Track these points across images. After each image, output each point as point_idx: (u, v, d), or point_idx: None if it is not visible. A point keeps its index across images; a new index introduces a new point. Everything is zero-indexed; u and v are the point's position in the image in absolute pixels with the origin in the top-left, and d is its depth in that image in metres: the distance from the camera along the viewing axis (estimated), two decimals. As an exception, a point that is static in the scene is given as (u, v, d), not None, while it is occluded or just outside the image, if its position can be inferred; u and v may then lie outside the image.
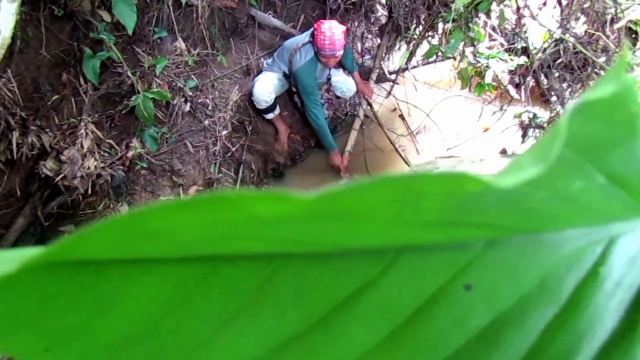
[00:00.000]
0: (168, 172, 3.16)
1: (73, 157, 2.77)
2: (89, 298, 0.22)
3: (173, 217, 0.18)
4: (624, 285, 0.28)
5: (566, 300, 0.27)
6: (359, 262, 0.26)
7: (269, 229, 0.21)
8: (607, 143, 0.25)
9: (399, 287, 0.26)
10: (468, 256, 0.27)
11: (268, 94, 3.45)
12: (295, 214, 0.19)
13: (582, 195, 0.26)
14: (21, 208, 2.99)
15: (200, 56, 3.31)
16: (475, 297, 0.27)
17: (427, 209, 0.22)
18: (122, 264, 0.22)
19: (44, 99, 2.87)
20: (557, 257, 0.27)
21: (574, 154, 0.24)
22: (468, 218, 0.25)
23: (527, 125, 3.62)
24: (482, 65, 3.74)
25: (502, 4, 3.44)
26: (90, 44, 2.93)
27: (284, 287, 0.25)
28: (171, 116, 3.17)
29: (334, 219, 0.21)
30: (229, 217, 0.19)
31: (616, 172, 0.26)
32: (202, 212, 0.18)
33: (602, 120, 0.24)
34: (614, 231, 0.28)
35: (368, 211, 0.21)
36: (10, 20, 2.22)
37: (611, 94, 0.22)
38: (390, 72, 4.40)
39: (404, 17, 3.80)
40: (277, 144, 3.78)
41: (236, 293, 0.24)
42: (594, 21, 3.32)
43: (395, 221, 0.23)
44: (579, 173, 0.25)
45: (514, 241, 0.27)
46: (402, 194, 0.21)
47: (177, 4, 3.12)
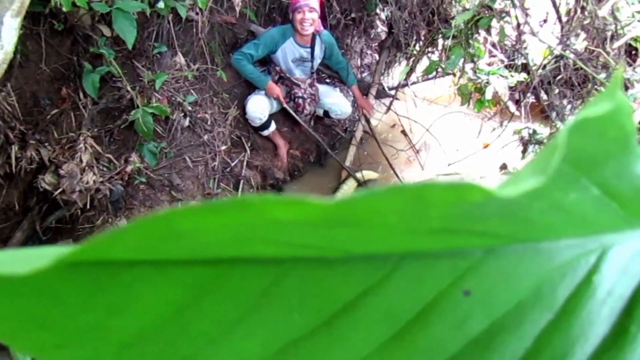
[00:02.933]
0: (167, 187, 3.15)
1: (72, 171, 2.76)
2: (103, 298, 0.23)
3: (200, 218, 0.20)
4: (616, 293, 0.29)
5: (560, 306, 0.29)
6: (363, 268, 0.27)
7: (284, 233, 0.22)
8: (602, 158, 0.27)
9: (401, 292, 0.27)
10: (467, 263, 0.28)
11: (261, 111, 3.47)
12: (314, 219, 0.21)
13: (577, 206, 0.27)
14: (19, 222, 2.97)
15: (200, 71, 3.32)
16: (473, 302, 0.28)
17: (433, 216, 0.24)
18: (137, 265, 0.23)
19: (43, 113, 2.87)
20: (552, 265, 0.29)
21: (570, 167, 0.26)
22: (470, 226, 0.26)
23: (527, 142, 3.61)
24: (482, 82, 3.74)
25: (502, 20, 3.45)
26: (89, 58, 2.93)
27: (291, 291, 0.26)
28: (170, 131, 3.16)
29: (348, 224, 0.23)
30: (251, 220, 0.21)
31: (609, 185, 0.27)
32: (227, 215, 0.20)
33: (597, 136, 0.25)
34: (606, 241, 0.29)
35: (379, 218, 0.23)
36: (13, 35, 2.22)
37: (606, 112, 0.24)
38: (389, 88, 4.41)
39: (404, 33, 3.82)
40: (276, 160, 3.77)
41: (244, 295, 0.25)
42: (594, 38, 3.33)
43: (401, 228, 0.24)
44: (574, 185, 0.27)
45: (512, 249, 0.28)
46: (412, 202, 0.22)
47: (177, 19, 3.13)
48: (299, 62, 3.54)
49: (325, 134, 4.13)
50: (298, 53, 3.49)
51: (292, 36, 3.41)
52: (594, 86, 3.46)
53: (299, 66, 3.58)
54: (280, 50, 3.45)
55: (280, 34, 3.41)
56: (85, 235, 2.97)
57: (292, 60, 3.51)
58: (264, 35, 3.42)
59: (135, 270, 0.23)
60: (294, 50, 3.47)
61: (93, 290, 0.22)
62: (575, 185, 0.26)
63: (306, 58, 3.55)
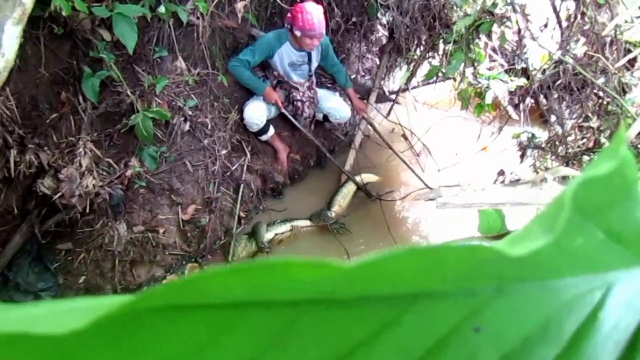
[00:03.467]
0: (167, 191, 3.14)
1: (71, 175, 2.76)
2: (128, 339, 0.24)
3: (226, 280, 0.22)
4: (620, 328, 0.30)
5: (567, 341, 0.30)
6: (377, 307, 0.28)
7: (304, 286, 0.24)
8: (607, 205, 0.29)
9: (413, 329, 0.28)
10: (478, 301, 0.29)
11: (258, 117, 3.47)
12: (334, 280, 0.23)
13: (583, 249, 0.29)
14: (18, 226, 2.96)
15: (201, 75, 3.32)
16: (483, 338, 0.29)
17: (447, 272, 0.26)
18: (162, 310, 0.24)
19: (42, 117, 2.86)
20: (559, 302, 0.30)
21: (577, 215, 0.28)
22: (480, 273, 0.28)
23: (526, 146, 3.61)
24: (483, 86, 3.74)
25: (502, 25, 3.45)
26: (89, 62, 2.93)
27: (307, 329, 0.27)
28: (170, 135, 3.16)
29: (367, 282, 0.25)
30: (275, 280, 0.23)
31: (614, 228, 0.29)
32: (253, 277, 0.22)
33: (602, 186, 0.27)
34: (611, 279, 0.31)
35: (397, 275, 0.25)
36: (14, 44, 2.22)
37: (611, 170, 0.26)
38: (390, 92, 4.41)
39: (405, 38, 3.82)
40: (276, 164, 3.77)
41: (262, 335, 0.26)
42: (593, 43, 3.33)
43: (416, 278, 0.27)
44: (580, 231, 0.28)
45: (520, 288, 0.30)
46: (427, 261, 0.24)
47: (178, 24, 3.12)
48: (296, 65, 3.54)
49: (325, 138, 4.13)
50: (294, 57, 3.49)
51: (287, 40, 3.41)
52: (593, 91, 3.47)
53: (296, 70, 3.58)
54: (277, 54, 3.45)
55: (275, 39, 3.41)
56: (84, 239, 2.97)
57: (289, 64, 3.51)
58: (260, 41, 3.42)
59: (161, 314, 0.24)
60: (291, 54, 3.47)
61: (119, 337, 0.24)
62: (581, 230, 0.28)
63: (302, 62, 3.54)
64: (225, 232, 3.41)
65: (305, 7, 3.21)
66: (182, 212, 3.16)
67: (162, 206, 3.13)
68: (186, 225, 3.18)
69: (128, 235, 2.95)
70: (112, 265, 2.98)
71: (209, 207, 3.29)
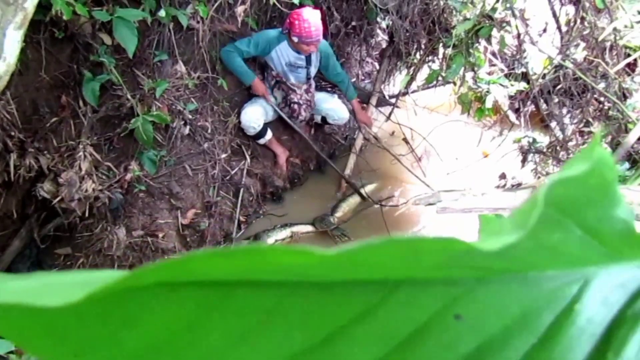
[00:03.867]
0: (166, 195, 3.14)
1: (71, 179, 2.76)
2: (120, 312, 0.25)
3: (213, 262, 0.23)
4: (596, 322, 0.31)
5: (544, 332, 0.31)
6: (361, 291, 0.29)
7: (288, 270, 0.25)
8: (584, 203, 0.30)
9: (396, 315, 0.29)
10: (459, 290, 0.30)
11: (255, 120, 3.47)
12: (315, 265, 0.24)
13: (561, 244, 0.30)
14: (17, 230, 2.96)
15: (201, 79, 3.32)
16: (463, 325, 0.30)
17: (424, 260, 0.27)
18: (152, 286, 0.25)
19: (42, 121, 2.86)
20: (538, 293, 0.31)
21: (554, 211, 0.29)
22: (458, 264, 0.29)
23: (527, 150, 3.61)
24: (483, 90, 3.74)
25: (502, 30, 3.46)
26: (90, 66, 2.93)
27: (292, 310, 0.28)
28: (170, 139, 3.16)
29: (347, 269, 0.26)
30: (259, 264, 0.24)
31: (591, 226, 0.30)
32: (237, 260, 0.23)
33: (580, 185, 0.29)
34: (588, 274, 0.32)
35: (376, 263, 0.26)
36: (16, 48, 2.22)
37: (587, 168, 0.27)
38: (390, 96, 4.41)
39: (404, 42, 3.82)
40: (276, 168, 3.77)
41: (248, 314, 0.27)
42: (593, 48, 3.34)
43: (396, 267, 0.28)
44: (558, 227, 0.30)
45: (500, 279, 0.31)
46: (405, 251, 0.25)
47: (178, 28, 3.13)
48: (293, 67, 3.53)
49: (324, 142, 4.13)
50: (292, 57, 3.49)
51: (285, 40, 3.41)
52: (593, 95, 3.47)
53: (293, 72, 3.57)
54: (274, 51, 3.44)
55: (275, 36, 3.41)
56: (83, 243, 2.96)
57: (286, 64, 3.51)
58: (259, 34, 3.42)
59: (151, 289, 0.25)
60: (288, 54, 3.46)
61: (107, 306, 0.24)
62: (559, 226, 0.29)
63: (300, 65, 3.54)
64: (225, 237, 3.41)
65: (303, 14, 3.22)
66: (181, 216, 3.15)
67: (162, 210, 3.13)
68: (185, 229, 3.18)
69: (127, 240, 2.95)
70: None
71: (209, 211, 3.29)
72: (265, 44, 3.40)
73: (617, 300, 0.32)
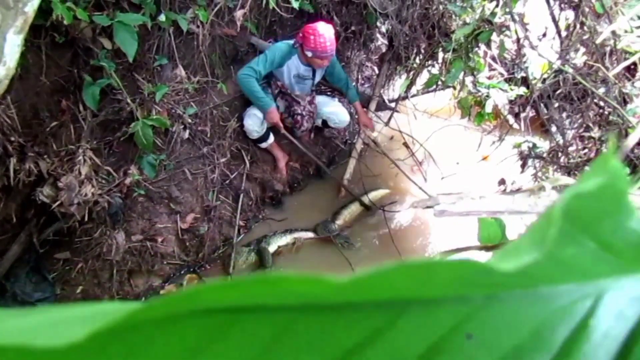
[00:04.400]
0: (166, 199, 3.14)
1: (70, 183, 2.75)
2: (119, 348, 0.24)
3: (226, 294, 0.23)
4: (611, 337, 0.30)
5: (558, 349, 0.30)
6: (370, 313, 0.28)
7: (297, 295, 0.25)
8: (597, 216, 0.29)
9: (406, 336, 0.29)
10: (469, 308, 0.29)
11: (259, 124, 3.46)
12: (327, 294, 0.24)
13: (574, 258, 0.30)
14: (16, 234, 2.95)
15: (200, 83, 3.32)
16: (475, 345, 0.29)
17: (438, 281, 0.27)
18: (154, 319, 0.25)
19: (42, 125, 2.86)
20: (551, 309, 0.30)
21: (568, 226, 0.28)
22: (471, 282, 0.28)
23: (527, 155, 3.61)
24: (482, 95, 3.74)
25: (502, 34, 3.46)
26: (90, 70, 2.93)
27: (299, 335, 0.27)
28: (170, 143, 3.15)
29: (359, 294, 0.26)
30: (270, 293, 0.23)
31: (605, 238, 0.30)
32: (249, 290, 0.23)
33: (593, 197, 0.28)
34: (602, 287, 0.31)
35: (388, 288, 0.26)
36: (16, 52, 2.22)
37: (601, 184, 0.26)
38: (390, 100, 4.41)
39: (404, 46, 3.82)
40: (275, 172, 3.77)
41: (256, 340, 0.26)
42: (593, 52, 3.34)
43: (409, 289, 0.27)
44: (572, 241, 0.29)
45: (512, 295, 0.30)
46: (418, 276, 0.25)
47: (178, 32, 3.13)
48: (299, 79, 3.54)
49: (325, 147, 4.13)
50: (301, 69, 3.50)
51: (296, 54, 3.41)
52: (593, 100, 3.47)
53: (300, 83, 3.57)
54: (286, 65, 3.45)
55: (287, 50, 3.40)
56: (82, 248, 2.96)
57: (294, 76, 3.51)
58: (273, 50, 3.38)
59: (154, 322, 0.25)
60: (298, 66, 3.47)
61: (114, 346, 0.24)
62: (573, 240, 0.29)
63: (307, 76, 3.55)
64: (224, 242, 3.40)
65: (318, 28, 3.22)
66: (180, 220, 3.15)
67: (161, 215, 3.12)
68: (185, 234, 3.17)
69: (126, 244, 2.94)
70: (109, 275, 2.97)
71: (208, 215, 3.28)
72: (280, 58, 3.40)
73: (632, 314, 0.31)
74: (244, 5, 3.25)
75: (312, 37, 3.22)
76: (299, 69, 3.49)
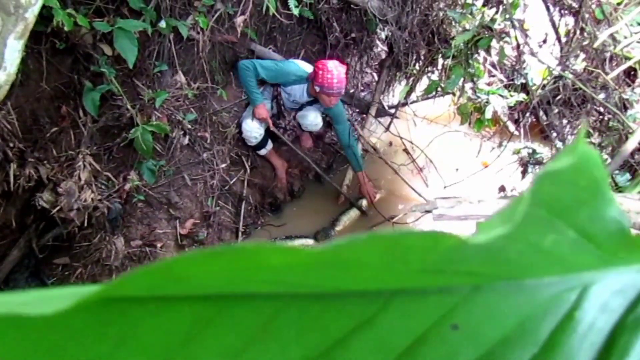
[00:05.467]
0: (165, 205, 3.14)
1: (70, 189, 2.75)
2: (113, 331, 0.25)
3: (199, 265, 0.23)
4: (596, 329, 0.31)
5: (544, 341, 0.30)
6: (356, 303, 0.28)
7: (278, 274, 0.25)
8: (575, 203, 0.29)
9: (392, 326, 0.29)
10: (455, 299, 0.30)
11: (256, 129, 3.46)
12: (302, 263, 0.24)
13: (555, 247, 0.30)
14: (16, 240, 2.95)
15: (200, 90, 3.33)
16: (461, 336, 0.29)
17: (412, 260, 0.26)
18: (145, 301, 0.25)
19: (42, 131, 2.86)
20: (536, 301, 0.30)
21: (545, 211, 0.28)
22: (451, 267, 0.28)
23: (527, 162, 3.60)
24: (482, 101, 3.75)
25: (502, 40, 3.47)
26: (90, 76, 2.94)
27: (288, 324, 0.27)
28: (169, 149, 3.16)
29: (333, 268, 0.26)
30: (247, 265, 0.23)
31: (584, 228, 0.30)
32: (223, 261, 0.23)
33: (569, 184, 0.28)
34: (587, 280, 0.31)
35: (361, 261, 0.25)
36: (16, 57, 2.23)
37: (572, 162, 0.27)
38: (389, 107, 4.41)
39: (404, 53, 3.83)
40: (275, 180, 3.77)
41: (244, 329, 0.27)
42: (593, 58, 3.35)
43: (386, 270, 0.27)
44: (550, 228, 0.29)
45: (497, 286, 0.30)
46: (390, 248, 0.25)
47: (178, 38, 3.14)
48: (297, 104, 3.57)
49: (324, 152, 4.13)
50: (304, 99, 3.53)
51: (307, 84, 3.41)
52: (593, 106, 3.47)
53: (295, 107, 3.64)
54: (290, 87, 3.45)
55: (298, 77, 3.39)
56: (82, 253, 2.95)
57: (293, 101, 3.55)
58: (284, 68, 3.37)
59: (144, 305, 0.25)
60: (302, 95, 3.49)
61: (104, 325, 0.24)
62: (551, 227, 0.29)
63: (304, 104, 3.59)
64: (224, 247, 3.39)
65: (328, 65, 3.22)
66: (180, 226, 3.15)
67: (160, 220, 3.12)
68: (184, 239, 3.16)
69: (125, 250, 2.93)
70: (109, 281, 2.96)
71: (207, 221, 3.28)
72: (284, 79, 3.40)
73: (617, 306, 0.31)
74: (245, 11, 3.26)
75: (321, 72, 3.23)
76: (303, 98, 3.51)
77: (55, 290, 0.23)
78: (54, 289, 0.23)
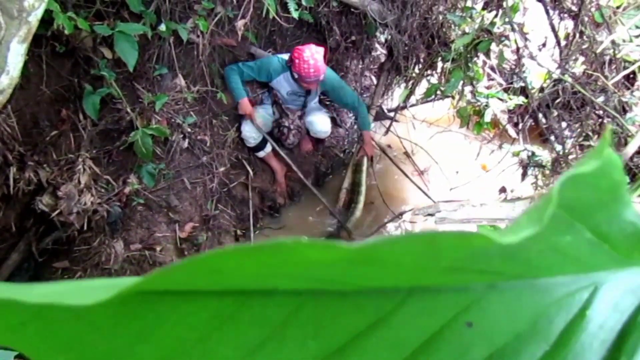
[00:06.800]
0: (164, 208, 3.13)
1: (70, 192, 2.75)
2: (136, 324, 0.25)
3: (238, 259, 0.23)
4: (607, 328, 0.31)
5: (556, 338, 0.31)
6: (374, 300, 0.29)
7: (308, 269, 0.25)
8: (594, 205, 0.30)
9: (409, 323, 0.30)
10: (470, 297, 0.30)
11: (255, 131, 3.46)
12: (339, 259, 0.24)
13: (571, 247, 0.30)
14: (15, 243, 2.95)
15: (200, 93, 3.32)
16: (475, 333, 0.30)
17: (444, 257, 0.27)
18: (166, 295, 0.25)
19: (42, 134, 2.86)
20: (549, 300, 0.31)
21: (566, 213, 0.29)
22: (474, 265, 0.28)
23: (527, 164, 3.61)
24: (481, 104, 3.75)
25: (501, 44, 3.48)
26: (90, 80, 2.94)
27: (307, 320, 0.28)
28: (169, 152, 3.15)
29: (367, 264, 0.26)
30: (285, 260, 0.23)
31: (601, 229, 0.30)
32: (264, 256, 0.23)
33: (590, 187, 0.28)
34: (599, 279, 0.32)
35: (396, 259, 0.26)
36: (19, 61, 2.22)
37: (597, 167, 0.27)
38: (389, 110, 4.42)
39: (403, 56, 3.83)
40: (274, 184, 3.77)
41: (264, 324, 0.27)
42: (592, 62, 3.35)
43: (414, 267, 0.27)
44: (569, 229, 0.29)
45: (511, 285, 0.31)
46: (426, 247, 0.25)
47: (178, 42, 3.14)
48: (294, 95, 3.57)
49: (323, 156, 4.13)
50: (294, 87, 3.53)
51: (289, 72, 3.43)
52: (592, 109, 3.47)
53: (295, 101, 3.62)
54: (276, 81, 3.47)
55: (280, 66, 3.42)
56: (81, 257, 2.95)
57: (288, 93, 3.55)
58: (263, 62, 3.44)
59: (165, 299, 0.25)
60: (290, 83, 3.50)
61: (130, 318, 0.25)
62: (570, 229, 0.29)
63: (300, 93, 3.58)
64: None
65: (303, 53, 3.23)
66: (179, 229, 3.14)
67: (160, 224, 3.11)
68: (183, 243, 3.16)
69: (125, 253, 2.93)
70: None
71: (207, 225, 3.28)
72: (266, 72, 3.43)
73: (628, 306, 0.31)
74: (245, 15, 3.26)
75: (297, 60, 3.25)
76: (293, 86, 3.52)
77: (86, 282, 0.23)
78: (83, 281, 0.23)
